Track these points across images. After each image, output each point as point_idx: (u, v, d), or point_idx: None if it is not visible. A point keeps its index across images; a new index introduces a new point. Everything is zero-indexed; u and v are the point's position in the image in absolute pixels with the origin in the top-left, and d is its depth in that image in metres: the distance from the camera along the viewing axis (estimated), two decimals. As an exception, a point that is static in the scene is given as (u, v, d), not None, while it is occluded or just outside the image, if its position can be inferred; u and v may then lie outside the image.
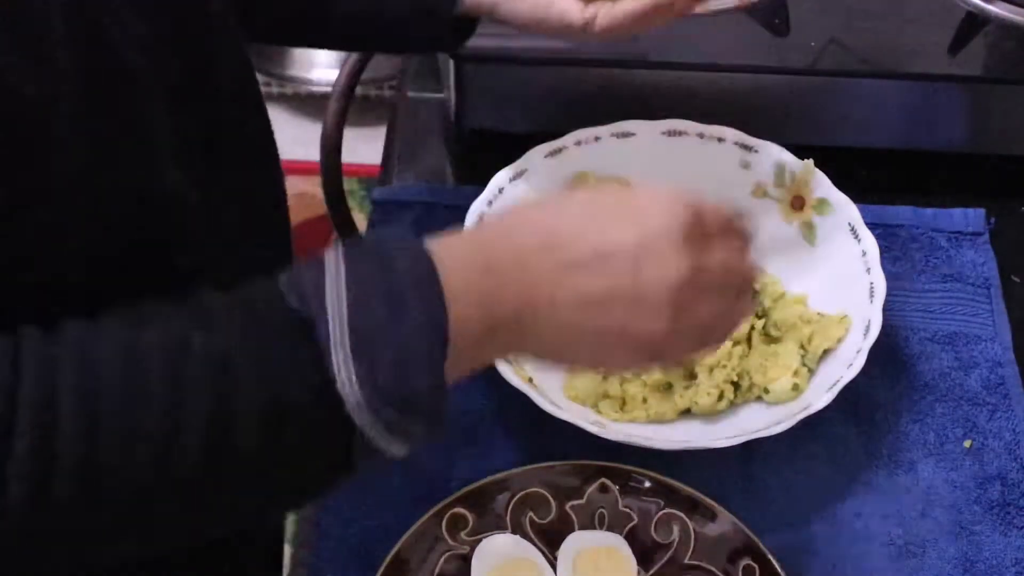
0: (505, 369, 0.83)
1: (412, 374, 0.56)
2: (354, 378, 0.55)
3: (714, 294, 0.65)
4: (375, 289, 0.56)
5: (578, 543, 0.80)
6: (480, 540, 0.79)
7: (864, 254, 0.90)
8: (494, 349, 0.63)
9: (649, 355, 0.65)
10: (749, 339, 0.90)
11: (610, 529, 0.81)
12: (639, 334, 0.63)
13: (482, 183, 0.93)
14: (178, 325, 0.56)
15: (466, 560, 0.78)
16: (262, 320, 0.57)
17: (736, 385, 0.88)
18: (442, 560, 0.78)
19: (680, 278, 0.62)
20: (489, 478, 0.81)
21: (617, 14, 0.83)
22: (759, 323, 0.90)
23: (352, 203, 1.51)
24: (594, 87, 1.03)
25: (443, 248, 0.58)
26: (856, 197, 0.94)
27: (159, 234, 0.66)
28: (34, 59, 0.56)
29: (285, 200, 0.86)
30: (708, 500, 0.81)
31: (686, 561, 0.80)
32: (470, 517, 0.80)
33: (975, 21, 1.05)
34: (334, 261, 0.57)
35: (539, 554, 0.79)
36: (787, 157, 0.96)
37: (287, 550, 1.06)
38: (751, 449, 0.84)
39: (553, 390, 0.87)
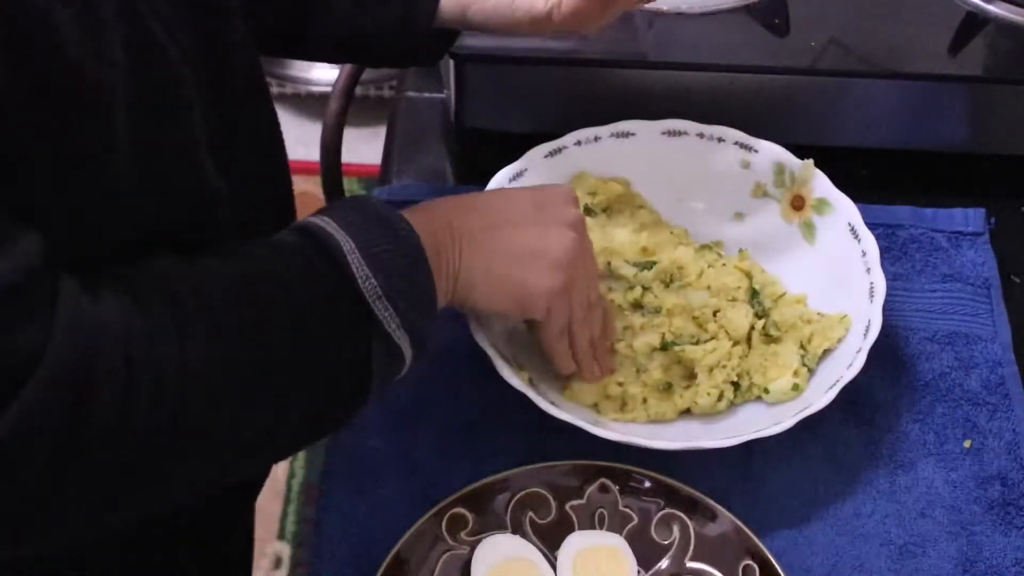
0: (505, 369, 0.83)
1: (413, 271, 0.70)
2: (370, 275, 0.68)
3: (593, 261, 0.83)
4: (364, 219, 0.70)
5: (578, 543, 0.80)
6: (480, 540, 0.79)
7: (864, 254, 0.90)
8: (442, 276, 0.75)
9: (564, 276, 0.79)
10: (749, 339, 0.90)
11: (610, 529, 0.81)
12: (550, 250, 0.78)
13: (482, 183, 0.93)
14: (242, 268, 0.67)
15: (466, 560, 0.78)
16: (286, 249, 0.69)
17: (736, 385, 0.88)
18: (442, 560, 0.78)
19: (577, 217, 0.81)
20: (489, 478, 0.81)
21: None
22: (759, 323, 0.90)
23: (352, 203, 1.50)
24: (594, 87, 1.03)
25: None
26: (856, 197, 0.94)
27: (197, 223, 0.69)
28: (94, 36, 0.58)
29: (292, 199, 0.87)
30: (708, 500, 0.81)
31: (686, 561, 0.80)
32: (470, 517, 0.80)
33: (975, 21, 1.05)
34: (318, 216, 0.70)
35: (539, 554, 0.79)
36: (787, 157, 0.96)
37: (287, 550, 1.06)
38: (751, 449, 0.84)
39: (553, 390, 0.87)
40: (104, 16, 0.59)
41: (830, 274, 0.92)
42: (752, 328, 0.90)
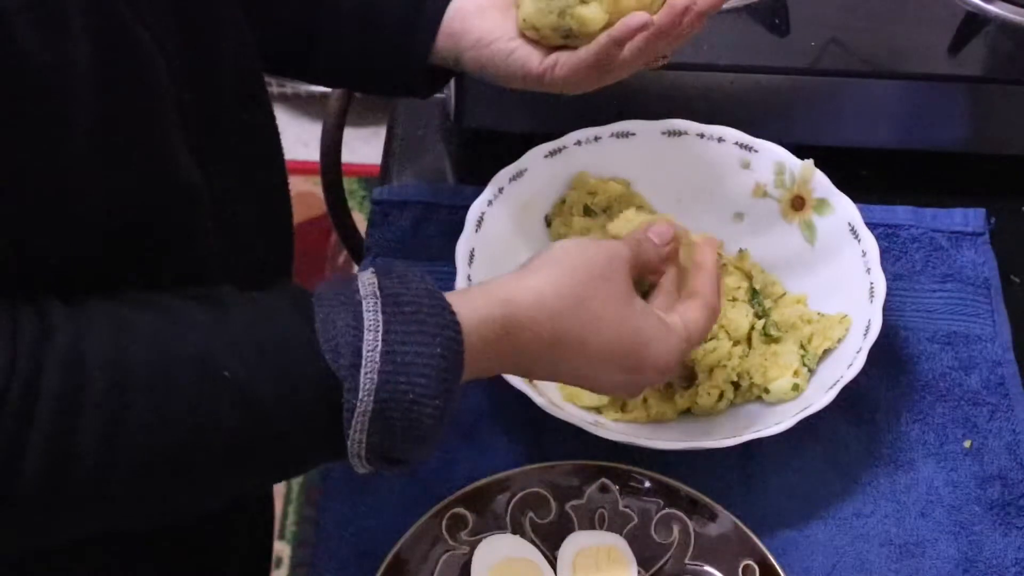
0: (505, 369, 0.83)
1: (418, 448, 0.64)
2: (363, 441, 0.62)
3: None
4: (407, 370, 0.62)
5: (578, 543, 0.80)
6: (480, 540, 0.79)
7: (864, 254, 0.90)
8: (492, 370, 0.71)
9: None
10: (749, 339, 0.90)
11: (610, 529, 0.81)
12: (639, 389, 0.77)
13: (482, 183, 0.93)
14: (209, 341, 0.60)
15: (466, 560, 0.78)
16: (293, 371, 0.61)
17: (736, 385, 0.87)
18: (442, 560, 0.78)
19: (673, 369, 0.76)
20: (489, 478, 0.81)
21: (574, 61, 0.82)
22: (759, 323, 0.90)
23: (352, 203, 1.51)
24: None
25: (475, 325, 0.66)
26: (856, 197, 0.93)
27: (171, 219, 0.67)
28: (50, 25, 0.57)
29: (288, 194, 0.86)
30: (708, 500, 0.81)
31: (686, 561, 0.80)
32: (470, 517, 0.80)
33: (975, 21, 1.05)
34: (373, 322, 0.62)
35: (539, 554, 0.79)
36: (787, 157, 0.96)
37: (287, 550, 1.06)
38: (751, 449, 0.84)
39: (553, 390, 0.87)
40: (65, 4, 0.58)
41: (830, 274, 0.92)
42: (752, 328, 0.90)
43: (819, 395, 0.83)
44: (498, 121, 1.05)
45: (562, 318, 0.70)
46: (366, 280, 0.64)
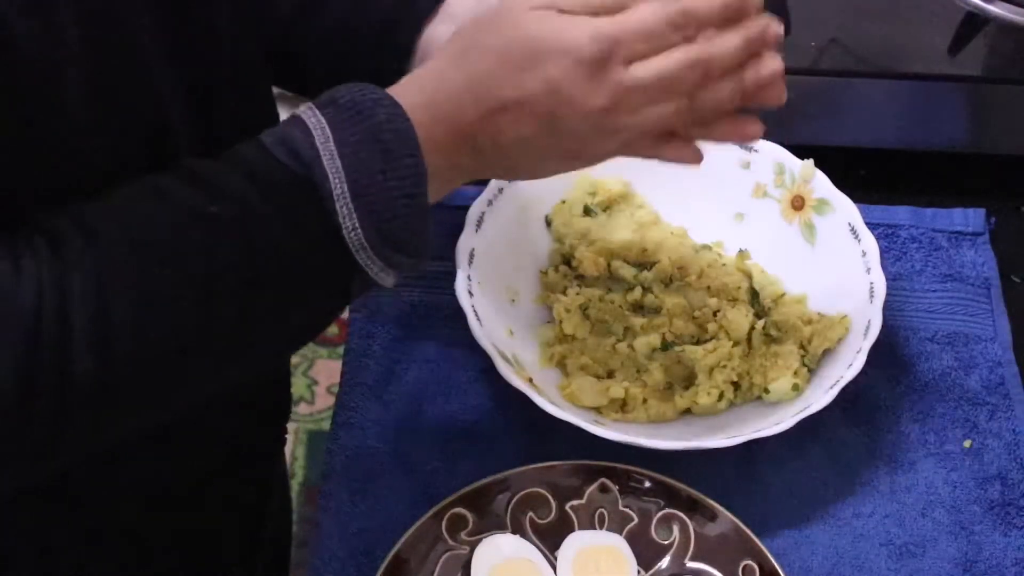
0: (505, 369, 0.83)
1: (406, 215, 0.65)
2: (358, 226, 0.64)
3: (651, 104, 0.70)
4: (363, 144, 0.64)
5: (578, 543, 0.80)
6: (480, 540, 0.79)
7: (864, 254, 0.90)
8: (458, 176, 0.71)
9: (586, 161, 0.74)
10: (749, 339, 0.90)
11: (610, 529, 0.81)
12: (571, 154, 0.72)
13: (482, 183, 0.93)
14: (193, 199, 0.63)
15: (466, 560, 0.78)
16: (268, 184, 0.64)
17: (736, 385, 0.87)
18: (442, 560, 0.78)
19: (596, 109, 0.68)
20: (489, 478, 0.81)
21: None
22: (759, 323, 0.90)
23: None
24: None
25: (404, 100, 0.66)
26: (856, 197, 0.94)
27: None
28: (41, 22, 0.58)
29: None
30: (708, 500, 0.81)
31: (686, 561, 0.80)
32: (470, 517, 0.80)
33: (975, 21, 1.05)
34: (317, 123, 0.64)
35: (539, 554, 0.79)
36: (787, 157, 0.96)
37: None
38: (751, 449, 0.84)
39: (553, 390, 0.87)
40: None
41: (830, 274, 0.92)
42: (752, 328, 0.90)
43: (819, 395, 0.83)
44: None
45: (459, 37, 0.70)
46: (301, 107, 0.67)
